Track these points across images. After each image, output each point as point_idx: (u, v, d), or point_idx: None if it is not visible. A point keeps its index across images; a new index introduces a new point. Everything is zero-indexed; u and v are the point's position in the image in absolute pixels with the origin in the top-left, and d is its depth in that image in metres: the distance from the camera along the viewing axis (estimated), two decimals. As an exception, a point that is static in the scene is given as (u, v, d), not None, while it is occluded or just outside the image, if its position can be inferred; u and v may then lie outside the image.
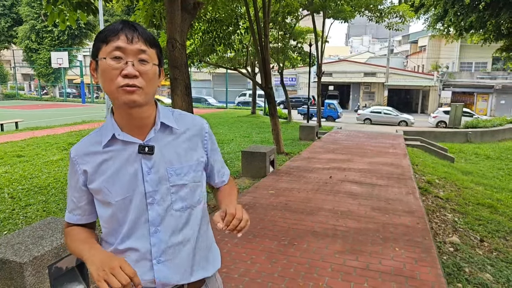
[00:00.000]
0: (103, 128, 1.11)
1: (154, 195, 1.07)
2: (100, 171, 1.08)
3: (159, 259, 1.08)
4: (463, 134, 17.99)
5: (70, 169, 1.13)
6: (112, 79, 0.99)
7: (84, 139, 1.13)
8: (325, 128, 15.95)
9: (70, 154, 1.12)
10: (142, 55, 1.01)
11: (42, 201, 5.16)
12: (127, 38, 1.00)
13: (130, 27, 1.02)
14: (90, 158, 1.09)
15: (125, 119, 1.07)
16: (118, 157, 1.07)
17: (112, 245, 1.11)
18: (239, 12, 10.93)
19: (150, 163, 1.07)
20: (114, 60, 0.99)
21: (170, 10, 4.45)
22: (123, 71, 0.99)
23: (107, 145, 1.08)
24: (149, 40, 1.03)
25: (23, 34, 30.84)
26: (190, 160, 1.13)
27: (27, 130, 12.69)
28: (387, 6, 14.33)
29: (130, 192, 1.07)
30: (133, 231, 1.08)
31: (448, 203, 5.65)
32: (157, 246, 1.08)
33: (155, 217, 1.07)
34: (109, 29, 1.01)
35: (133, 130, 1.08)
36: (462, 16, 10.29)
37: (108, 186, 1.07)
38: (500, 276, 3.31)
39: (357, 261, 3.34)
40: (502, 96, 30.37)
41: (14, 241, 2.46)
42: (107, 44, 1.00)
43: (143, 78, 1.01)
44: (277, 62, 18.10)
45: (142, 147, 1.06)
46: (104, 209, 1.10)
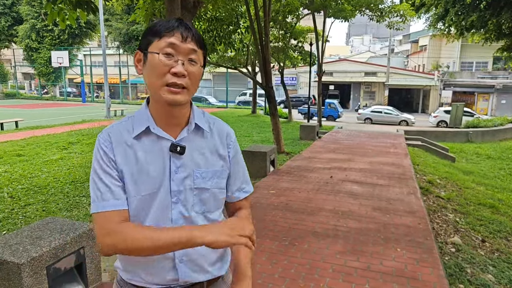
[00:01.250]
0: (136, 118, 1.08)
1: (179, 195, 1.06)
2: (128, 162, 1.04)
3: (182, 259, 1.08)
4: (464, 133, 17.97)
5: (99, 153, 1.04)
6: (161, 75, 0.99)
7: (115, 125, 1.09)
8: (325, 128, 15.92)
9: (99, 138, 1.06)
10: (193, 55, 1.01)
11: (41, 200, 5.14)
12: (182, 36, 0.99)
13: (185, 26, 1.02)
14: (120, 145, 1.05)
15: (161, 114, 1.06)
16: (148, 150, 1.05)
17: None
18: (239, 11, 10.91)
19: (179, 162, 1.06)
20: (166, 56, 0.99)
21: (170, 9, 4.43)
22: (172, 68, 0.99)
23: (139, 136, 1.05)
24: (200, 41, 1.04)
25: (23, 33, 30.80)
26: (216, 166, 1.12)
27: (27, 129, 12.68)
28: (387, 5, 14.30)
29: (156, 188, 1.04)
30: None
31: (449, 203, 5.63)
32: None
33: (178, 216, 1.07)
34: (163, 24, 1.01)
35: (166, 126, 1.07)
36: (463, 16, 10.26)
37: (135, 179, 1.03)
38: (502, 277, 3.29)
39: (358, 262, 3.32)
40: (503, 96, 30.32)
41: (12, 241, 2.43)
42: (160, 39, 0.99)
43: (190, 78, 1.01)
44: (277, 62, 18.08)
45: (174, 146, 1.05)
46: (128, 202, 1.05)
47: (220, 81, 37.82)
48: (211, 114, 1.20)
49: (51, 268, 2.38)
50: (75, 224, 2.76)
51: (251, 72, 18.01)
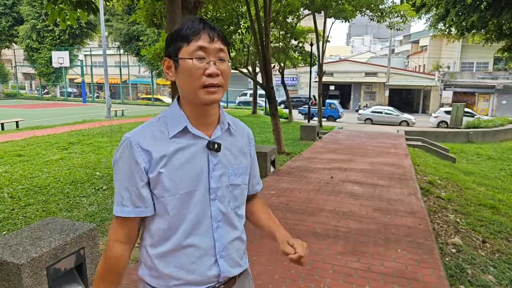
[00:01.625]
0: (169, 118, 1.09)
1: (217, 192, 1.10)
2: (167, 162, 1.04)
3: (221, 254, 1.12)
4: (465, 134, 17.96)
5: (127, 158, 1.04)
6: (197, 78, 1.02)
7: (145, 127, 1.08)
8: (326, 128, 15.92)
9: (127, 140, 1.05)
10: (221, 54, 1.04)
11: (41, 201, 5.14)
12: (209, 37, 1.02)
13: (210, 26, 1.04)
14: (156, 146, 1.05)
15: (195, 114, 1.09)
16: (187, 149, 1.07)
17: (172, 243, 1.07)
18: (240, 11, 10.91)
19: (215, 160, 1.10)
20: (198, 60, 1.02)
21: (170, 9, 4.43)
22: (206, 70, 1.02)
23: (176, 136, 1.07)
24: (224, 38, 1.07)
25: (24, 34, 30.82)
26: (243, 163, 1.19)
27: (27, 129, 12.68)
28: (388, 6, 14.29)
29: (195, 186, 1.07)
30: (196, 227, 1.08)
31: (450, 204, 5.62)
32: (220, 241, 1.11)
33: (217, 213, 1.10)
34: (189, 28, 1.03)
35: (200, 125, 1.10)
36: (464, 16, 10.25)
37: (174, 178, 1.05)
38: (503, 278, 3.28)
39: (358, 263, 3.31)
40: (504, 96, 30.29)
41: (12, 242, 2.43)
42: (189, 44, 1.02)
43: (222, 76, 1.05)
44: (278, 62, 18.07)
45: (211, 143, 1.08)
46: (164, 203, 1.06)
47: (220, 81, 37.67)
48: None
49: (51, 269, 2.37)
50: (75, 225, 2.76)
51: (252, 73, 18.00)
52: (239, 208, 1.18)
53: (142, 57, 25.86)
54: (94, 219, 4.42)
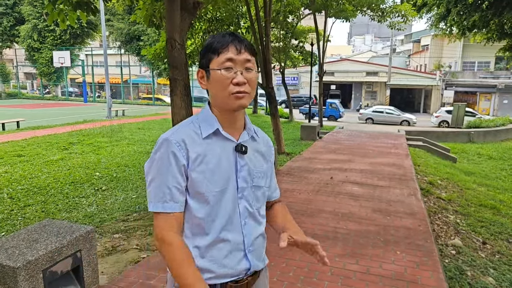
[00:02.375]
0: (201, 121, 1.19)
1: (243, 191, 1.20)
2: (202, 161, 1.13)
3: (249, 249, 1.21)
4: (466, 134, 17.90)
5: (167, 154, 1.12)
6: (225, 87, 1.13)
7: (180, 127, 1.18)
8: (326, 128, 15.89)
9: (166, 140, 1.13)
10: (248, 64, 1.15)
11: (41, 201, 5.13)
12: (236, 50, 1.13)
13: (238, 39, 1.15)
14: (193, 145, 1.14)
15: (225, 119, 1.19)
16: (218, 150, 1.16)
17: (206, 235, 1.15)
18: (240, 11, 10.89)
19: (243, 161, 1.20)
20: (226, 70, 1.12)
21: (169, 10, 4.41)
22: (233, 79, 1.12)
23: (208, 137, 1.16)
24: (252, 50, 1.17)
25: (25, 33, 30.86)
26: (264, 167, 1.28)
27: (28, 129, 12.69)
28: (389, 6, 14.25)
29: (226, 185, 1.16)
30: (228, 222, 1.16)
31: (450, 205, 5.60)
32: (248, 237, 1.20)
33: (244, 210, 1.20)
34: (219, 41, 1.14)
35: (228, 129, 1.19)
36: (465, 16, 10.23)
37: (208, 177, 1.13)
38: (503, 280, 3.26)
39: (357, 265, 3.29)
40: (505, 96, 30.21)
41: (8, 244, 2.42)
42: (219, 56, 1.13)
43: (249, 84, 1.15)
44: (278, 62, 18.04)
45: (240, 146, 1.19)
46: (199, 200, 1.14)
47: (221, 81, 37.68)
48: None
49: (48, 272, 2.36)
50: (72, 227, 2.75)
51: (252, 72, 17.94)
52: (261, 208, 1.28)
53: (143, 56, 25.82)
54: (93, 220, 4.41)
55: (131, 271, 3.13)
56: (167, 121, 15.95)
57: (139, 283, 2.91)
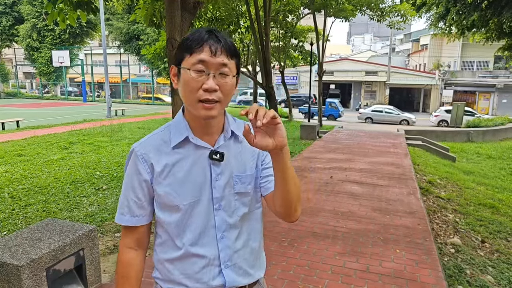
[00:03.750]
0: (173, 128, 1.10)
1: (221, 201, 1.09)
2: (169, 172, 1.06)
3: (227, 264, 1.10)
4: (465, 133, 17.94)
5: (131, 167, 1.09)
6: (193, 91, 1.00)
7: (150, 137, 1.11)
8: (326, 127, 15.91)
9: (133, 151, 1.09)
10: (224, 69, 1.01)
11: (42, 201, 5.15)
12: (211, 51, 0.99)
13: (214, 38, 1.01)
14: (159, 156, 1.07)
15: (197, 124, 1.08)
16: (189, 160, 1.07)
17: (177, 248, 1.09)
18: (239, 11, 10.91)
19: (218, 169, 1.08)
20: (197, 73, 0.99)
21: (169, 10, 4.43)
22: (204, 84, 0.99)
23: (178, 146, 1.07)
24: (231, 52, 1.03)
25: (24, 33, 30.83)
26: (252, 169, 1.14)
27: (28, 129, 12.70)
28: (388, 5, 14.28)
29: (198, 196, 1.07)
30: (201, 236, 1.08)
31: (449, 204, 5.63)
32: (224, 251, 1.10)
33: (221, 223, 1.09)
34: (194, 38, 1.01)
35: (203, 135, 1.09)
36: (464, 15, 10.23)
37: (176, 189, 1.06)
38: (502, 278, 3.29)
39: (357, 263, 3.32)
40: (504, 95, 30.25)
41: (12, 243, 2.44)
42: (191, 55, 1.00)
43: (222, 91, 1.01)
44: (278, 61, 18.06)
45: (213, 153, 1.07)
46: (169, 213, 1.08)
47: (221, 80, 37.68)
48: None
49: (51, 270, 2.39)
50: (74, 226, 2.77)
51: (252, 72, 17.99)
52: (253, 212, 1.16)
53: (143, 56, 25.82)
54: (94, 219, 4.43)
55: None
56: (167, 120, 15.96)
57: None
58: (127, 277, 1.12)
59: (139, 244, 1.13)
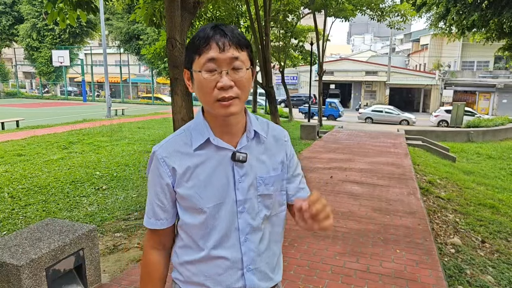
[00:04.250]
0: (193, 129, 1.08)
1: (244, 204, 1.06)
2: (191, 175, 1.04)
3: (249, 267, 1.08)
4: (465, 133, 17.93)
5: (153, 171, 1.08)
6: (208, 92, 0.98)
7: (170, 139, 1.09)
8: (326, 127, 15.91)
9: (154, 154, 1.07)
10: (236, 63, 0.97)
11: (41, 200, 5.15)
12: (218, 47, 0.96)
13: (220, 32, 0.97)
14: (181, 159, 1.05)
15: (218, 124, 1.05)
16: (211, 161, 1.05)
17: (200, 250, 1.08)
18: (240, 10, 10.90)
19: (242, 171, 1.06)
20: (209, 73, 0.97)
21: (169, 9, 4.42)
22: (218, 83, 0.96)
23: (200, 148, 1.05)
24: (240, 43, 0.99)
25: (24, 33, 30.82)
26: (276, 170, 1.12)
27: (28, 128, 12.70)
28: (388, 5, 14.28)
29: (222, 199, 1.05)
30: (224, 239, 1.06)
31: (449, 204, 5.62)
32: (248, 254, 1.08)
33: (245, 225, 1.07)
34: (200, 37, 0.98)
35: (224, 134, 1.06)
36: (464, 15, 10.23)
37: (200, 192, 1.04)
38: (502, 278, 3.29)
39: (357, 263, 3.32)
40: (504, 95, 30.26)
41: (11, 243, 2.44)
42: (200, 56, 0.97)
43: (238, 86, 0.98)
44: (278, 61, 18.06)
45: (236, 154, 1.04)
46: (192, 216, 1.06)
47: (220, 80, 37.71)
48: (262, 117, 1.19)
49: (51, 270, 2.38)
50: (74, 226, 2.77)
51: (252, 72, 17.97)
52: (276, 216, 1.14)
53: (143, 56, 25.82)
54: (94, 219, 4.43)
55: (133, 270, 3.15)
56: (167, 120, 15.96)
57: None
58: (151, 277, 1.13)
59: (164, 245, 1.14)
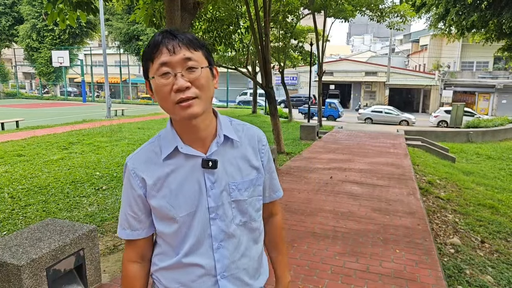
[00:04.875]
0: (162, 139, 1.07)
1: (217, 210, 1.05)
2: (162, 185, 1.04)
3: (223, 274, 1.07)
4: (464, 134, 17.95)
5: (126, 182, 1.08)
6: (166, 96, 0.97)
7: (141, 149, 1.09)
8: (326, 128, 15.92)
9: (126, 165, 1.08)
10: (189, 63, 0.96)
11: (41, 201, 5.15)
12: (168, 50, 0.95)
13: (169, 36, 0.97)
14: (150, 170, 1.04)
15: (185, 130, 1.04)
16: (181, 170, 1.03)
17: (174, 257, 1.08)
18: (239, 11, 10.92)
19: (213, 177, 1.04)
20: (163, 77, 0.96)
21: (169, 10, 4.43)
22: (174, 85, 0.95)
23: (168, 157, 1.04)
24: (191, 44, 0.98)
25: (24, 33, 30.83)
26: (251, 174, 1.10)
27: (28, 129, 12.69)
28: (388, 6, 14.30)
29: (194, 207, 1.04)
30: (197, 246, 1.05)
31: (449, 204, 5.63)
32: (221, 261, 1.06)
33: (218, 232, 1.05)
34: (151, 44, 0.98)
35: (194, 141, 1.04)
36: (464, 16, 10.24)
37: (171, 202, 1.03)
38: (501, 278, 3.30)
39: (357, 263, 3.32)
40: (504, 96, 30.29)
41: (12, 243, 2.44)
42: (153, 62, 0.97)
43: (195, 86, 0.97)
44: (278, 62, 18.07)
45: (206, 161, 1.02)
46: (166, 225, 1.06)
47: (220, 80, 37.74)
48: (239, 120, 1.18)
49: (51, 270, 2.39)
50: (74, 226, 2.77)
51: (251, 72, 18.00)
52: (253, 221, 1.12)
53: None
54: (94, 219, 4.43)
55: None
56: (166, 120, 15.88)
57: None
58: None
59: (142, 257, 1.12)
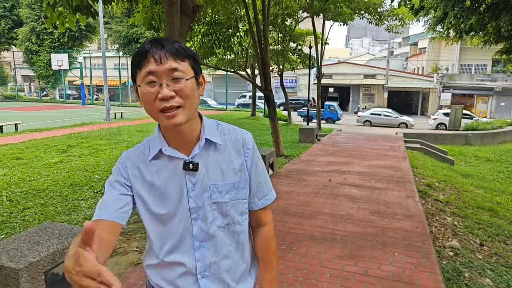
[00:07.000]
0: (151, 140, 1.13)
1: (198, 211, 1.08)
2: (146, 185, 1.09)
3: (204, 274, 1.10)
4: (463, 136, 17.97)
5: (116, 170, 1.12)
6: (151, 103, 1.00)
7: (134, 149, 1.16)
8: (325, 130, 15.93)
9: (118, 161, 1.14)
10: (175, 73, 0.99)
11: (40, 204, 5.14)
12: (155, 60, 0.98)
13: (157, 46, 0.99)
14: (138, 168, 1.11)
15: (170, 135, 1.09)
16: (165, 171, 1.09)
17: (157, 257, 1.11)
18: (238, 14, 10.95)
19: (194, 179, 1.08)
20: (149, 85, 0.99)
21: (169, 13, 4.45)
22: (158, 94, 0.98)
23: (154, 158, 1.10)
24: (179, 54, 1.00)
25: (23, 36, 30.85)
26: (234, 177, 1.12)
27: (26, 132, 12.68)
28: (386, 9, 14.35)
29: (175, 207, 1.08)
30: (178, 245, 1.09)
31: (447, 207, 5.63)
32: (202, 261, 1.09)
33: (199, 232, 1.09)
34: (139, 52, 1.01)
35: (179, 145, 1.09)
36: (462, 19, 10.28)
37: (154, 200, 1.09)
38: (500, 281, 3.29)
39: (356, 266, 3.32)
40: (502, 98, 30.37)
41: (10, 246, 2.44)
42: (140, 70, 1.00)
43: (180, 96, 1.00)
44: (277, 64, 18.10)
45: (186, 163, 1.07)
46: (148, 222, 1.11)
47: (219, 83, 37.86)
48: (226, 123, 1.21)
49: (49, 273, 2.38)
50: (73, 229, 2.76)
51: (250, 75, 18.04)
52: (237, 224, 1.13)
53: (141, 59, 25.81)
54: (93, 223, 4.42)
55: (131, 273, 3.15)
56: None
57: (139, 285, 2.93)
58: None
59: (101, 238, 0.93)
